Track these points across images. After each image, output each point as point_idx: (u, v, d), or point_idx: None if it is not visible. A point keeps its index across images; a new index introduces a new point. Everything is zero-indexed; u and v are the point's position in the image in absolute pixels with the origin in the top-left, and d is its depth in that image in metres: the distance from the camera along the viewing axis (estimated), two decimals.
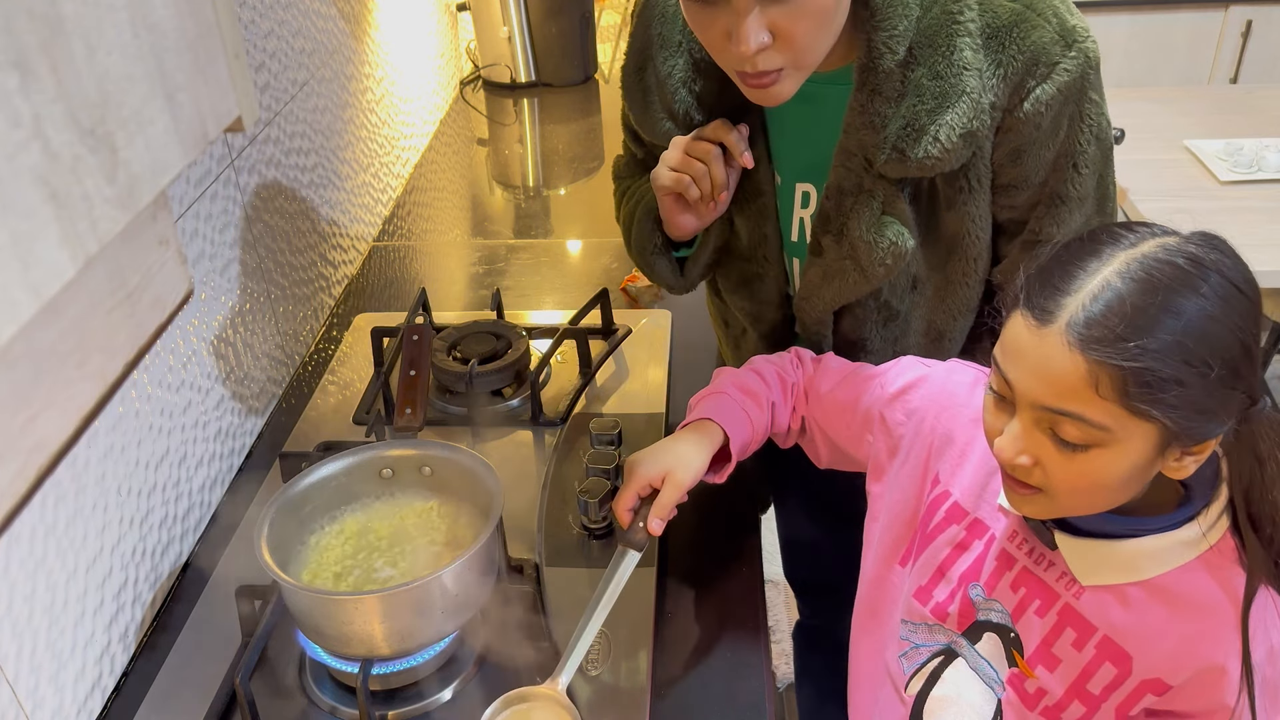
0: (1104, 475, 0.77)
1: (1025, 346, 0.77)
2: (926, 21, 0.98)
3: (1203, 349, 0.72)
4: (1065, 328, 0.74)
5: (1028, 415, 0.78)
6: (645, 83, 1.14)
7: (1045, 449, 0.78)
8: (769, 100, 0.99)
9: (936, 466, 0.97)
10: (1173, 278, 0.73)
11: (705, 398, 1.06)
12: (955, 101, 0.98)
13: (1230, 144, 2.33)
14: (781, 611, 2.31)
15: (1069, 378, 0.74)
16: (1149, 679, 0.82)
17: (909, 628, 0.97)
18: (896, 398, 1.01)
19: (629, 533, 0.98)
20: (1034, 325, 0.76)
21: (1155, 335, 0.72)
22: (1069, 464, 0.77)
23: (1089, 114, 1.02)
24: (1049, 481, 0.79)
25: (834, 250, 1.10)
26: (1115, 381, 0.72)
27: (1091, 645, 0.84)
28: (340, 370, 1.48)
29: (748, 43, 0.91)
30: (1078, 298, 0.74)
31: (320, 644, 0.99)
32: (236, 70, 0.54)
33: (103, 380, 0.49)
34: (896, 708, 0.98)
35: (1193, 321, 0.72)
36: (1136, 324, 0.72)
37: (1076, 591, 0.85)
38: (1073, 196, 1.05)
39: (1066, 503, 0.81)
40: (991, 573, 0.91)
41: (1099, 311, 0.73)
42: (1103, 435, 0.75)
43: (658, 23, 1.12)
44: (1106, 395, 0.73)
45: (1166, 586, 0.82)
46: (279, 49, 1.45)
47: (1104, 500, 0.80)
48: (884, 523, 1.02)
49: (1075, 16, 0.99)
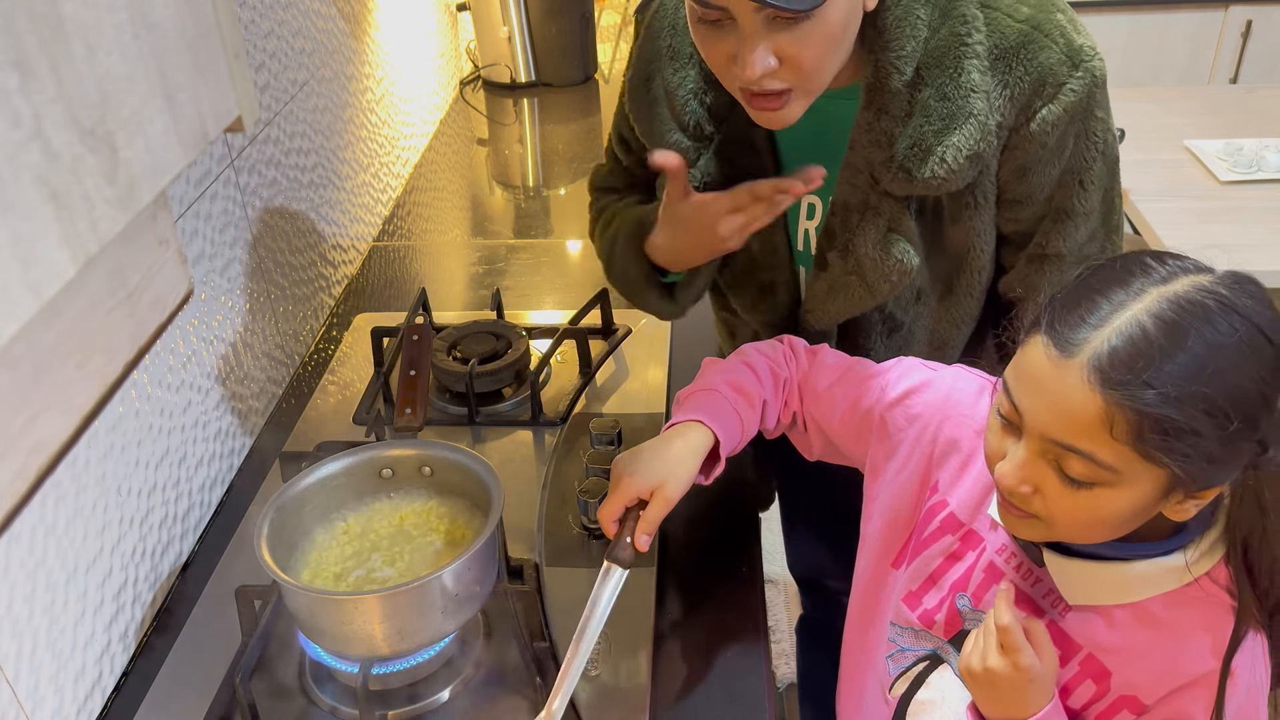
0: (1105, 513, 0.76)
1: (1043, 376, 0.75)
2: (934, 43, 0.98)
3: (1225, 401, 0.70)
4: (1087, 363, 0.71)
5: (1035, 445, 0.76)
6: (653, 94, 1.13)
7: (1048, 480, 0.76)
8: (774, 123, 0.99)
9: (936, 474, 0.96)
10: (1203, 321, 0.70)
11: (695, 394, 1.02)
12: (962, 123, 0.98)
13: (1230, 144, 2.33)
14: (781, 611, 2.31)
15: (1084, 415, 0.72)
16: (1126, 695, 0.81)
17: (896, 631, 0.97)
18: (899, 402, 0.99)
19: (616, 550, 0.94)
20: (1055, 356, 0.73)
21: (1178, 383, 0.70)
22: (1071, 499, 0.76)
23: (1095, 131, 1.02)
24: (1048, 511, 0.78)
25: (839, 266, 1.10)
26: (1131, 424, 0.70)
27: (1075, 662, 0.84)
28: (340, 370, 1.48)
29: (753, 68, 0.91)
30: (1102, 333, 0.72)
31: (320, 644, 0.99)
32: (236, 70, 0.54)
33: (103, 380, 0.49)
34: (880, 708, 0.98)
35: (1218, 372, 0.70)
36: (1161, 369, 0.70)
37: (1063, 609, 0.84)
38: (1079, 212, 1.05)
39: (1063, 533, 0.80)
40: (979, 584, 0.90)
41: (1123, 351, 0.71)
42: (1110, 476, 0.73)
43: (667, 34, 1.11)
44: (1120, 437, 0.71)
45: (1153, 611, 0.80)
46: (279, 49, 1.45)
47: (1101, 535, 0.79)
48: (878, 525, 1.01)
49: (1083, 35, 0.99)
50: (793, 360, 1.08)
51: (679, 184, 1.05)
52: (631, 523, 0.95)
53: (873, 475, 1.03)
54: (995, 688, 0.80)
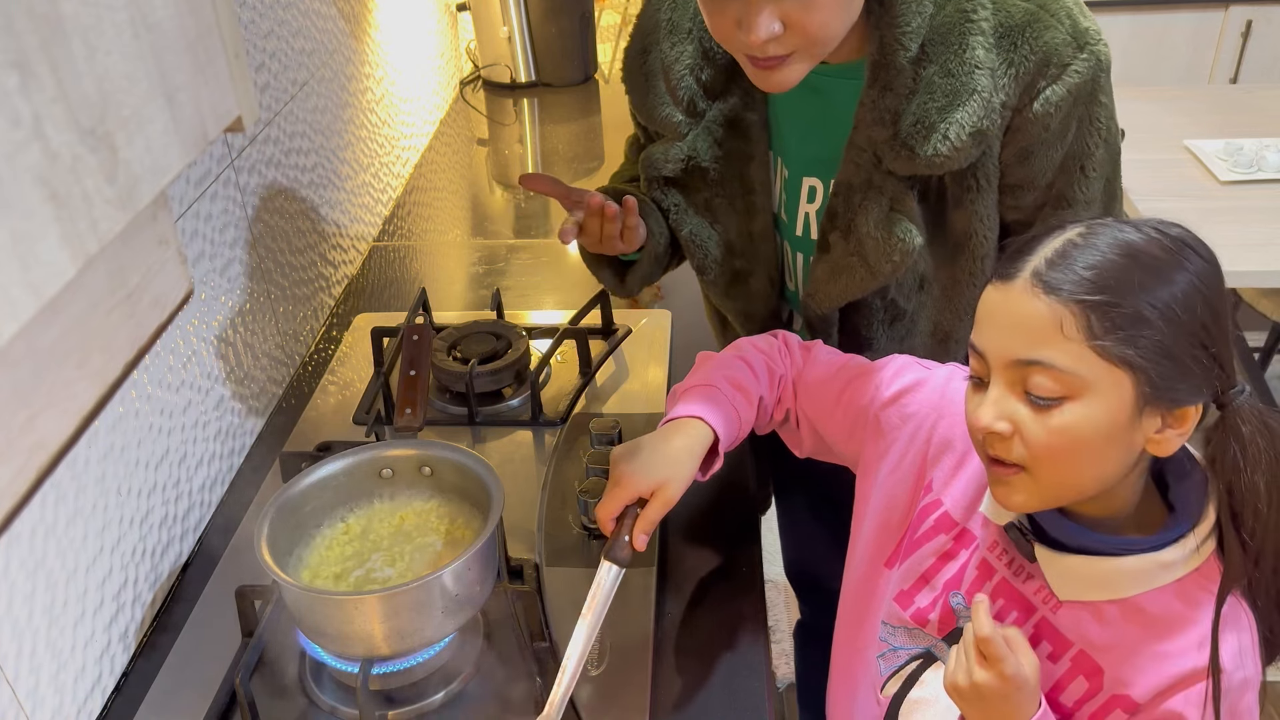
0: (1081, 432, 0.75)
1: (993, 308, 0.79)
2: (940, 19, 0.98)
3: (1164, 293, 0.73)
4: (1029, 277, 0.76)
5: (1001, 378, 0.78)
6: (649, 67, 1.13)
7: (1021, 412, 0.77)
8: (774, 86, 0.99)
9: (931, 473, 0.96)
10: (1136, 238, 0.75)
11: (693, 389, 1.01)
12: (966, 100, 0.98)
13: (1230, 144, 2.33)
14: (781, 611, 2.31)
15: (1034, 322, 0.75)
16: (1119, 694, 0.81)
17: (888, 630, 0.96)
18: (893, 401, 0.99)
19: (614, 548, 0.94)
20: (999, 285, 0.78)
21: (1116, 275, 0.73)
22: (1045, 424, 0.76)
23: (1098, 117, 1.02)
24: (1028, 452, 0.77)
25: (841, 247, 1.10)
26: (1080, 320, 0.73)
27: (1067, 659, 0.83)
28: (340, 370, 1.48)
29: (757, 33, 0.92)
30: (1039, 253, 0.77)
31: (320, 644, 0.99)
32: (236, 70, 0.54)
33: (103, 380, 0.49)
34: (872, 708, 0.98)
35: (1153, 266, 0.74)
36: (1096, 265, 0.74)
37: (1054, 606, 0.84)
38: (1079, 200, 1.05)
39: (1048, 476, 0.78)
40: (972, 581, 0.90)
41: (1060, 257, 0.75)
42: (1074, 383, 0.74)
43: (668, 8, 1.12)
44: (1072, 335, 0.73)
45: (1143, 607, 0.80)
46: (279, 49, 1.45)
47: (1088, 471, 0.78)
48: (870, 524, 1.01)
49: (1088, 19, 0.99)
50: (787, 356, 1.07)
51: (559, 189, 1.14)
52: (630, 521, 0.94)
53: (865, 474, 1.02)
54: (984, 701, 0.80)
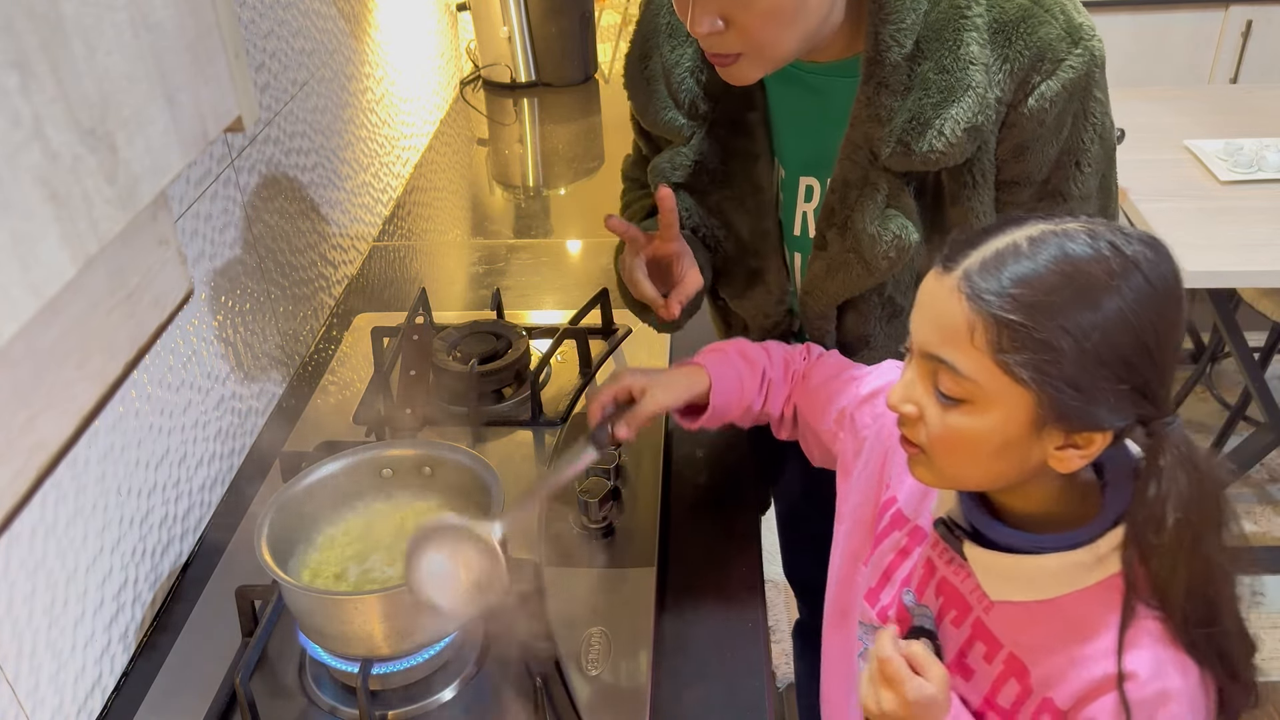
0: (973, 437, 0.75)
1: (925, 295, 0.78)
2: (934, 15, 0.98)
3: (1086, 322, 0.70)
4: (961, 275, 0.74)
5: (918, 364, 0.78)
6: (649, 71, 1.14)
7: (927, 401, 0.77)
8: (734, 80, 1.02)
9: (889, 470, 0.96)
10: (1081, 253, 0.71)
11: (705, 352, 1.08)
12: (961, 96, 0.98)
13: (1230, 144, 2.33)
14: (781, 611, 2.31)
15: (951, 323, 0.74)
16: (1046, 698, 0.80)
17: (864, 629, 0.97)
18: (868, 400, 1.00)
19: (596, 432, 1.00)
20: (938, 273, 0.76)
21: (1041, 294, 0.71)
22: (943, 420, 0.76)
23: (1093, 112, 1.02)
24: (928, 439, 0.78)
25: (838, 243, 1.10)
26: (990, 333, 0.72)
27: (999, 660, 0.83)
28: (340, 370, 1.48)
29: (698, 27, 0.94)
30: (981, 250, 0.74)
31: (320, 644, 0.99)
32: (236, 70, 0.54)
33: (103, 380, 0.49)
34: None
35: (1085, 289, 0.70)
36: (1025, 280, 0.71)
37: (986, 606, 0.83)
38: (1075, 195, 1.05)
39: (942, 465, 0.79)
40: (920, 580, 0.90)
41: (993, 264, 0.73)
42: (973, 389, 0.74)
43: (666, 11, 1.12)
44: (980, 346, 0.72)
45: (1064, 608, 0.79)
46: (279, 49, 1.45)
47: (977, 471, 0.78)
48: (849, 523, 1.01)
49: (1082, 14, 1.00)
50: (806, 358, 1.11)
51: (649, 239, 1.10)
52: (617, 416, 1.01)
53: (844, 473, 1.03)
54: None
